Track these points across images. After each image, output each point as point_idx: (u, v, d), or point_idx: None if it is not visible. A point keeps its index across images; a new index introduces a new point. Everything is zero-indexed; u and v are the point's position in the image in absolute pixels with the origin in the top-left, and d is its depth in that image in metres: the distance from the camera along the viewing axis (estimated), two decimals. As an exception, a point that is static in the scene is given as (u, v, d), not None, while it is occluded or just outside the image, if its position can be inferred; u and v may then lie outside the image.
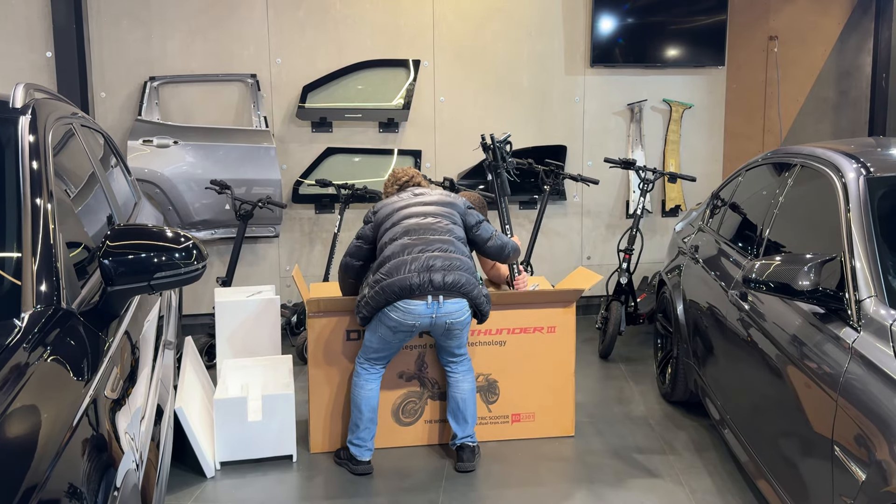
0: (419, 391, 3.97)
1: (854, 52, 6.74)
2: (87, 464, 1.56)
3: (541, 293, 4.04)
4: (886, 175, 2.86)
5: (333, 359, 3.89)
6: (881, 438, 2.08)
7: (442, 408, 3.98)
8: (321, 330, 3.87)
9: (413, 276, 3.44)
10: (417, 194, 3.77)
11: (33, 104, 2.52)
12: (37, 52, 5.49)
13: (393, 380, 3.93)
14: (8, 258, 2.03)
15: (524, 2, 6.06)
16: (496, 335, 3.99)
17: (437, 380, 3.96)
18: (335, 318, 3.87)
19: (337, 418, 3.93)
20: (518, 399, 4.04)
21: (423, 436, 4.00)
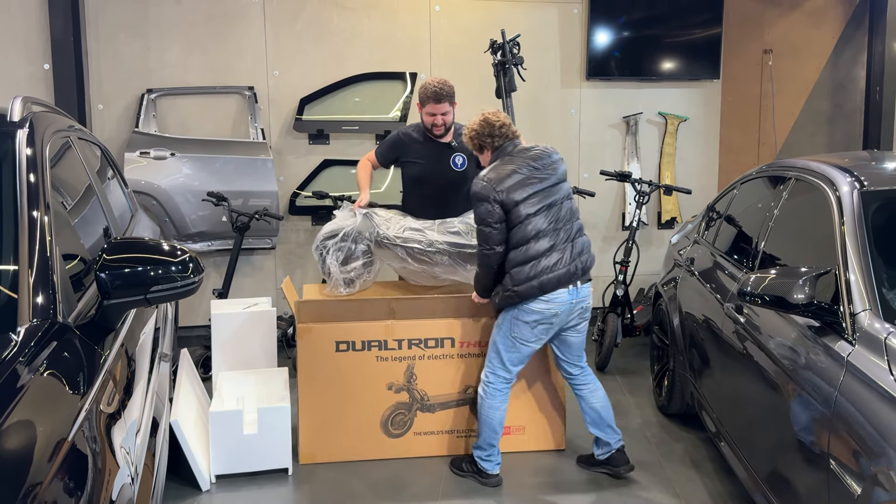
0: (408, 402, 3.94)
1: (848, 66, 6.79)
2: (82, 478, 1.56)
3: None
4: (880, 189, 2.88)
5: (324, 369, 3.85)
6: (877, 452, 2.08)
7: (430, 420, 3.95)
8: (311, 338, 3.83)
9: (570, 266, 3.43)
10: (538, 167, 3.51)
11: (31, 117, 2.53)
12: (34, 65, 5.50)
13: (382, 391, 3.91)
14: (4, 271, 2.03)
15: (520, 15, 6.09)
16: (484, 347, 3.88)
17: (427, 392, 3.93)
18: (326, 325, 3.81)
19: (328, 429, 3.89)
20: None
21: (413, 448, 3.96)
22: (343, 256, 4.00)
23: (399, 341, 3.89)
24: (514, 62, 4.52)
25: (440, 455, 3.97)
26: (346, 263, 4.01)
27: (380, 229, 3.98)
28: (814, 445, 2.44)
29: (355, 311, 3.88)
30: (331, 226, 4.06)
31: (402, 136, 4.29)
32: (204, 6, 5.68)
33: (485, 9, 6.04)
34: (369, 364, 3.89)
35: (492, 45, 4.58)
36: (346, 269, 4.00)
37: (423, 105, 4.11)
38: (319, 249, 4.04)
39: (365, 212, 4.04)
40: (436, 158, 4.20)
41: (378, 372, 3.90)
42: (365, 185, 4.27)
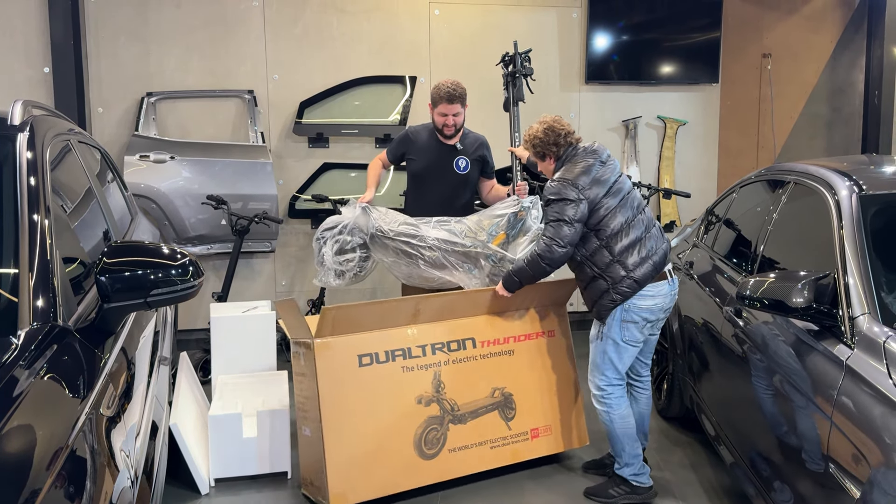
0: (439, 416, 3.59)
1: (847, 70, 6.80)
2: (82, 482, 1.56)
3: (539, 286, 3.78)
4: (879, 193, 2.88)
5: (349, 390, 3.40)
6: (875, 455, 2.08)
7: (464, 433, 3.62)
8: (332, 355, 3.38)
9: (659, 255, 3.40)
10: (604, 161, 3.51)
11: (31, 121, 2.53)
12: (34, 68, 5.51)
13: (412, 406, 3.53)
14: (5, 275, 2.03)
15: (520, 19, 6.10)
16: (504, 344, 3.77)
17: (456, 400, 3.63)
18: (346, 338, 3.42)
19: (359, 461, 3.41)
20: (534, 412, 3.80)
21: (450, 468, 3.58)
22: (338, 248, 4.03)
23: (422, 347, 3.60)
24: (525, 73, 4.55)
25: (479, 472, 3.69)
26: (340, 254, 4.04)
27: (374, 222, 4.00)
28: (813, 449, 2.44)
29: (379, 315, 3.54)
30: (333, 219, 4.10)
31: (410, 133, 4.35)
32: (204, 10, 5.68)
33: (484, 13, 6.05)
34: (395, 377, 3.52)
35: (503, 59, 4.61)
36: (338, 260, 4.02)
37: (434, 105, 4.15)
38: (318, 241, 4.08)
39: (364, 206, 4.05)
40: (439, 157, 4.23)
41: (405, 384, 3.53)
42: (372, 183, 4.31)
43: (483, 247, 3.93)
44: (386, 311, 3.56)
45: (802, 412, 2.55)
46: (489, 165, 4.42)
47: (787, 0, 6.69)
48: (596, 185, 3.39)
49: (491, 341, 3.77)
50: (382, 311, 3.56)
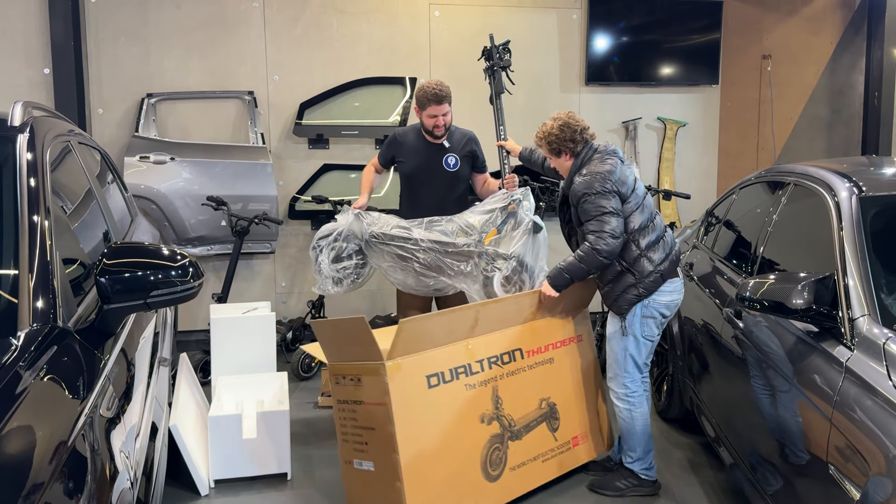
0: (500, 433, 3.40)
1: (846, 71, 6.81)
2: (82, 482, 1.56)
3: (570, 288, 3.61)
4: (879, 194, 2.88)
5: (421, 415, 3.11)
6: (875, 457, 2.08)
7: (521, 449, 3.47)
8: (404, 378, 3.05)
9: (675, 251, 3.49)
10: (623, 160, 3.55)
11: (31, 122, 2.53)
12: (34, 69, 5.51)
13: (476, 426, 3.30)
14: (5, 276, 2.03)
15: (520, 20, 6.11)
16: (546, 352, 3.64)
17: (513, 416, 3.46)
18: (414, 357, 3.11)
19: (438, 490, 3.15)
20: (573, 419, 3.69)
21: (513, 487, 3.41)
22: (335, 255, 4.04)
23: (480, 362, 3.38)
24: (502, 66, 4.56)
25: (535, 489, 3.55)
26: (336, 262, 4.04)
27: (367, 227, 4.02)
28: (813, 450, 2.44)
29: (444, 328, 3.27)
30: (328, 226, 4.10)
31: (398, 135, 4.36)
32: (204, 11, 5.69)
33: (484, 14, 6.05)
34: (460, 396, 3.28)
35: (483, 52, 4.63)
36: (336, 268, 4.03)
37: (422, 108, 4.13)
38: (315, 249, 4.09)
39: (357, 212, 4.08)
40: (428, 157, 4.23)
41: (470, 403, 3.31)
42: (365, 189, 4.33)
43: (476, 245, 3.94)
44: (450, 322, 3.31)
45: (802, 413, 2.55)
46: (479, 160, 4.42)
47: (787, 2, 6.70)
48: (625, 181, 3.45)
49: (535, 350, 3.62)
50: (447, 323, 3.30)
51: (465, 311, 3.36)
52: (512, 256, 3.99)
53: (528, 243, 4.01)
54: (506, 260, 3.95)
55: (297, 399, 4.75)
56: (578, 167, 3.52)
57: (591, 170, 3.44)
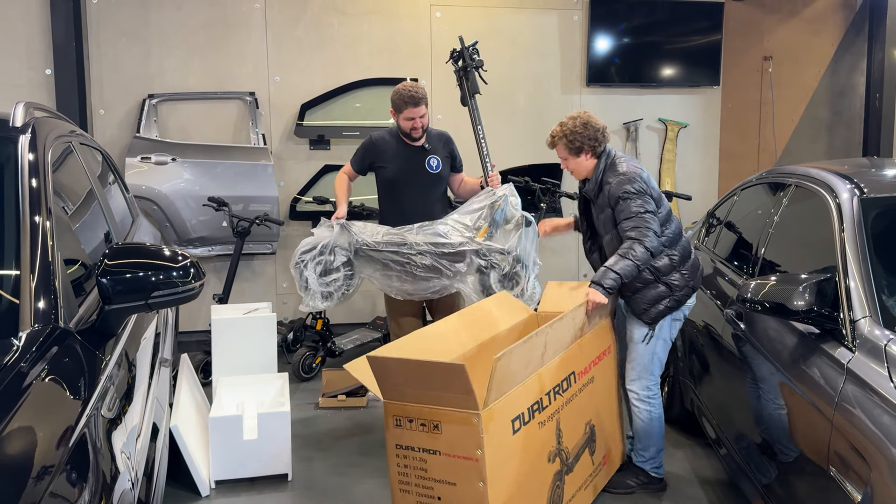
0: (560, 470, 3.10)
1: (848, 73, 6.81)
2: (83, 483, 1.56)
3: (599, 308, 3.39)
4: (880, 196, 2.88)
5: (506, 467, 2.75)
6: (876, 459, 2.08)
7: (573, 482, 3.19)
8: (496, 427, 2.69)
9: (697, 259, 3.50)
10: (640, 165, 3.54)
11: (33, 123, 2.54)
12: (36, 70, 5.52)
13: (545, 467, 2.98)
14: (6, 276, 2.03)
15: (521, 22, 6.11)
16: (588, 372, 3.37)
17: (567, 447, 3.17)
18: (502, 400, 2.72)
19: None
20: (605, 437, 3.50)
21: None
22: (322, 269, 3.93)
23: (548, 394, 3.03)
24: (475, 66, 4.54)
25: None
26: (324, 276, 3.94)
27: (357, 237, 3.93)
28: (814, 452, 2.44)
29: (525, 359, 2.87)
30: (308, 241, 3.99)
31: (375, 140, 4.21)
32: (205, 12, 5.69)
33: (485, 15, 6.06)
34: (535, 436, 2.92)
35: (452, 55, 4.60)
36: (324, 282, 3.93)
37: (399, 111, 4.05)
38: (298, 266, 3.96)
39: (342, 223, 3.98)
40: (411, 160, 4.15)
41: (541, 443, 2.97)
42: (342, 198, 4.19)
43: (472, 242, 3.92)
44: (528, 352, 2.90)
45: (803, 415, 2.55)
46: (458, 160, 4.36)
47: (788, 3, 6.70)
48: (653, 189, 3.42)
49: (583, 371, 3.34)
50: (526, 353, 2.88)
51: (538, 337, 2.95)
52: (509, 251, 3.99)
53: (522, 238, 4.03)
54: (503, 255, 3.95)
55: (298, 400, 4.75)
56: (604, 168, 3.45)
57: (626, 169, 3.38)
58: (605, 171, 3.45)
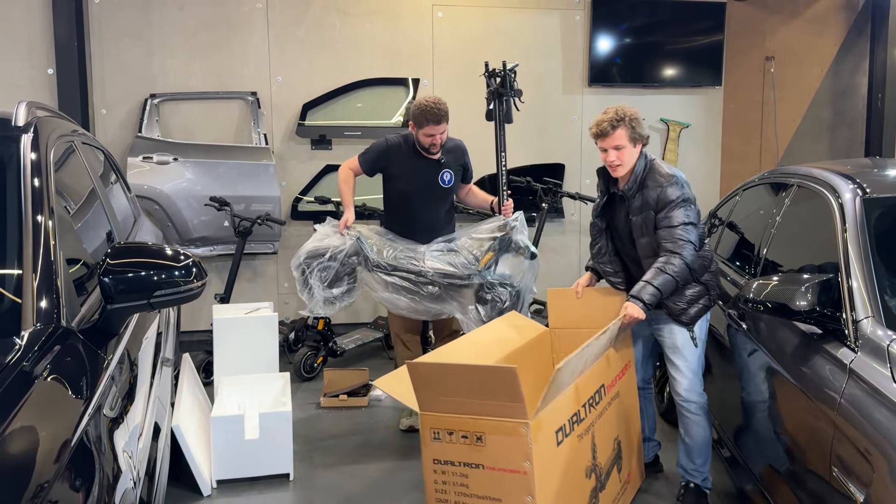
0: (595, 486, 2.96)
1: (850, 73, 6.80)
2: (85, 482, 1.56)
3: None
4: (883, 196, 2.88)
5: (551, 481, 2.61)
6: (879, 459, 2.08)
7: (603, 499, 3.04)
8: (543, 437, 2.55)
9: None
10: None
11: (35, 122, 2.54)
12: (38, 69, 5.52)
13: (582, 482, 2.83)
14: (8, 275, 2.04)
15: (522, 22, 6.11)
16: (615, 385, 3.28)
17: (601, 463, 3.03)
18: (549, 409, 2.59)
19: None
20: (628, 454, 3.36)
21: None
22: (329, 278, 3.90)
23: (584, 406, 2.92)
24: (513, 94, 4.44)
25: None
26: (330, 286, 3.92)
27: (371, 254, 3.91)
28: (816, 453, 2.44)
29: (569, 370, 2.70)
30: (314, 243, 3.93)
31: (391, 147, 4.13)
32: (207, 12, 5.70)
33: (487, 16, 6.06)
34: (574, 448, 2.80)
35: (487, 71, 4.52)
36: (329, 291, 3.91)
37: (419, 126, 3.97)
38: (301, 267, 3.91)
39: (356, 235, 3.94)
40: (425, 174, 4.11)
41: (580, 456, 2.85)
42: (349, 201, 4.12)
43: (479, 276, 3.94)
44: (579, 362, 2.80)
45: (806, 415, 2.55)
46: (469, 172, 4.35)
47: (791, 3, 6.69)
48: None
49: (611, 384, 3.23)
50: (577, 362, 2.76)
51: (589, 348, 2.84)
52: (515, 286, 4.00)
53: (525, 269, 4.07)
54: (507, 288, 3.96)
55: (300, 400, 4.75)
56: (645, 167, 3.29)
57: (674, 172, 3.26)
58: (647, 171, 3.29)
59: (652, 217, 3.24)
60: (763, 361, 2.97)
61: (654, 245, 3.26)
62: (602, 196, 3.49)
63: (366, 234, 4.02)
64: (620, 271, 3.52)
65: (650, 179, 3.27)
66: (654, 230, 3.24)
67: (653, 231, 3.25)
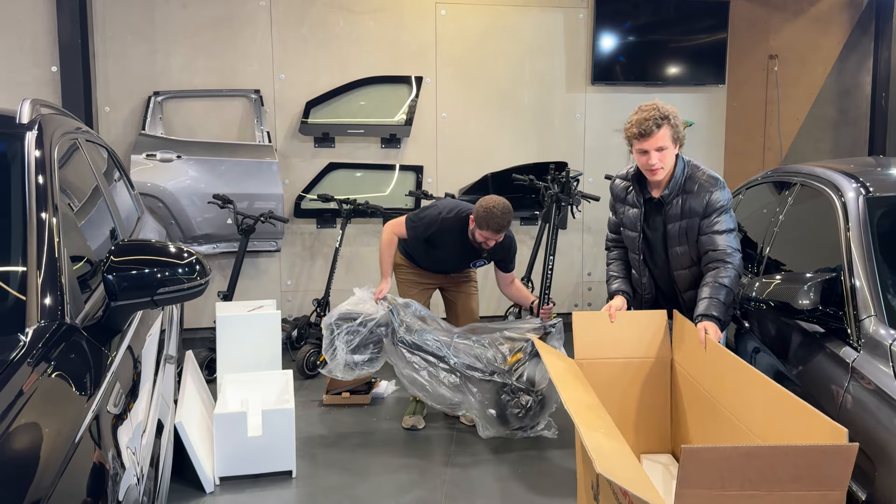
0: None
1: (854, 72, 6.79)
2: (89, 479, 1.56)
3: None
4: (886, 195, 2.88)
5: None
6: (881, 458, 2.08)
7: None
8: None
9: None
10: None
11: (39, 119, 2.54)
12: (41, 67, 5.53)
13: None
14: (13, 272, 2.04)
15: (526, 20, 6.11)
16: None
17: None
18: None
19: None
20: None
21: None
22: (355, 343, 3.92)
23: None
24: (573, 203, 4.33)
25: None
26: (355, 351, 3.94)
27: (399, 329, 3.91)
28: (818, 451, 2.44)
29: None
30: (348, 306, 3.94)
31: (444, 225, 4.08)
32: (210, 10, 5.70)
33: (491, 14, 6.05)
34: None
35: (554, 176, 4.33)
36: (351, 356, 3.93)
37: (479, 227, 3.94)
38: (331, 327, 3.93)
39: (389, 307, 3.95)
40: (461, 254, 4.16)
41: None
42: (387, 271, 4.12)
43: (503, 375, 3.91)
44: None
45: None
46: (511, 265, 4.29)
47: (794, 2, 6.68)
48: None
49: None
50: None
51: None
52: (540, 394, 3.95)
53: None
54: (531, 396, 3.94)
55: (303, 397, 4.76)
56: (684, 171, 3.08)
57: (717, 175, 3.08)
58: (687, 175, 3.08)
59: (695, 225, 3.03)
60: (766, 360, 2.97)
61: (693, 255, 3.05)
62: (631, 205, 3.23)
63: (400, 308, 3.98)
64: (649, 286, 3.28)
65: (692, 183, 3.05)
66: (696, 237, 3.03)
67: (694, 240, 3.04)
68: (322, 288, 5.80)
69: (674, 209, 3.06)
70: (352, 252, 6.06)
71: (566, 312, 5.60)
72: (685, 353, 3.00)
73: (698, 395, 2.86)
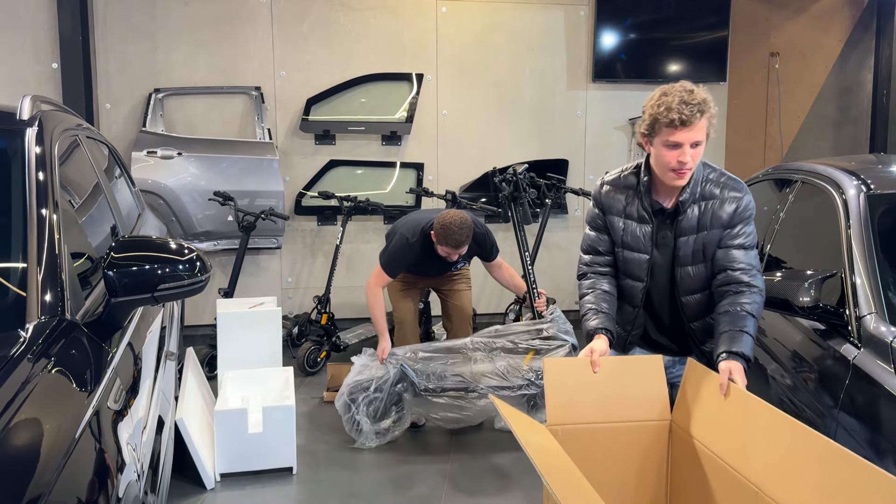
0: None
1: (855, 70, 6.78)
2: (89, 475, 1.56)
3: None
4: (887, 192, 2.87)
5: None
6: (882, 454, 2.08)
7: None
8: None
9: None
10: None
11: (40, 116, 2.54)
12: (42, 64, 5.53)
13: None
14: (14, 269, 2.04)
15: (527, 17, 6.10)
16: None
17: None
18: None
19: None
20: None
21: None
22: (379, 409, 3.91)
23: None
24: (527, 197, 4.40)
25: None
26: (380, 418, 3.94)
27: (418, 380, 3.89)
28: (818, 448, 2.44)
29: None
30: (354, 377, 3.91)
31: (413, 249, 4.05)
32: (211, 7, 5.70)
33: (491, 11, 6.05)
34: None
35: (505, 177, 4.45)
36: (378, 424, 3.95)
37: (440, 244, 3.91)
38: (347, 405, 3.90)
39: (398, 362, 3.91)
40: (439, 263, 4.14)
41: None
42: (383, 329, 4.05)
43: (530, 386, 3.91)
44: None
45: (808, 411, 2.55)
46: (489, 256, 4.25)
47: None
48: None
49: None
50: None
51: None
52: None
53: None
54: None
55: (303, 394, 4.76)
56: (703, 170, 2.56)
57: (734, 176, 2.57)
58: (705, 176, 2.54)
59: (716, 238, 2.45)
60: (765, 358, 2.97)
61: (706, 274, 2.48)
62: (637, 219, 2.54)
63: (409, 360, 3.94)
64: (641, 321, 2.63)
65: (714, 186, 2.50)
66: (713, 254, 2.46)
67: (711, 256, 2.47)
68: (323, 285, 5.81)
69: (688, 220, 2.46)
70: (352, 249, 6.06)
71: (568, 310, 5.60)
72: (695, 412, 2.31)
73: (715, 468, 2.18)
